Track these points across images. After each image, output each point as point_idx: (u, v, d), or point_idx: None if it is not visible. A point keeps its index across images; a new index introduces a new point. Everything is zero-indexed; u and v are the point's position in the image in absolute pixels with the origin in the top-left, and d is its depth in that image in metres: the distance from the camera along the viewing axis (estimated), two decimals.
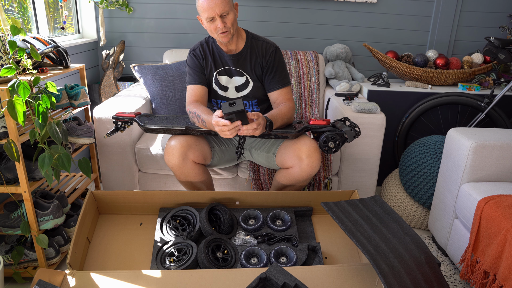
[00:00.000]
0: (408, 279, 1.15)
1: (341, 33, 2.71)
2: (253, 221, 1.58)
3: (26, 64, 1.40)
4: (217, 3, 1.55)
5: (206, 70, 1.74)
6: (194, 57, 1.73)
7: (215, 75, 1.74)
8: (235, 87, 1.75)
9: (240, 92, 1.76)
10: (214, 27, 1.60)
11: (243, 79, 1.74)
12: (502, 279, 1.29)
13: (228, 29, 1.60)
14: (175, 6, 2.65)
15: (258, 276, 1.14)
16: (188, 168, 1.65)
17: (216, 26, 1.59)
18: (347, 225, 1.29)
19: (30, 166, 1.51)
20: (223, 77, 1.75)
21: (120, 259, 1.43)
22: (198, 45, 1.75)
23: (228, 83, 1.75)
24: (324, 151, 1.63)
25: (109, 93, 2.52)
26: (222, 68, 1.74)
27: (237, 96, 1.77)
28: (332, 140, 1.60)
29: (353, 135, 1.61)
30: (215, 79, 1.75)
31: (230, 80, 1.75)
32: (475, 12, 2.67)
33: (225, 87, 1.76)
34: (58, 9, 2.42)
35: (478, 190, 1.56)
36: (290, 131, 1.62)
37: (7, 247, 1.63)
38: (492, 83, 2.49)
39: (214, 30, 1.61)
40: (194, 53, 1.74)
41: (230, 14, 1.59)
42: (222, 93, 1.77)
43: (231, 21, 1.60)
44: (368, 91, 2.37)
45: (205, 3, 1.56)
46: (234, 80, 1.75)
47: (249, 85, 1.75)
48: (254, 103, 1.80)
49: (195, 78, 1.73)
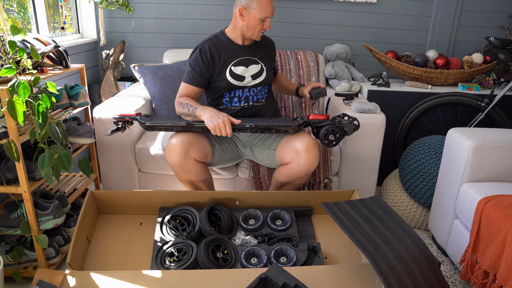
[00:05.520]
0: (408, 279, 1.15)
1: (341, 33, 2.71)
2: (253, 221, 1.58)
3: (26, 64, 1.40)
4: (273, 6, 1.69)
5: (213, 66, 1.75)
6: (200, 53, 1.73)
7: (230, 67, 1.76)
8: (251, 75, 1.80)
9: (255, 79, 1.81)
10: (261, 26, 1.70)
11: (259, 67, 1.82)
12: (502, 279, 1.29)
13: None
14: (175, 6, 2.65)
15: (258, 276, 1.14)
16: (189, 166, 1.65)
17: (262, 27, 1.70)
18: (347, 226, 1.29)
19: (30, 166, 1.51)
20: (239, 68, 1.78)
21: (120, 259, 1.43)
22: (208, 40, 1.76)
23: (245, 72, 1.79)
24: (324, 145, 1.64)
25: (109, 93, 2.52)
26: (238, 59, 1.77)
27: (252, 84, 1.82)
28: (332, 133, 1.62)
29: (352, 128, 1.64)
30: (230, 71, 1.76)
31: (246, 70, 1.79)
32: (475, 12, 2.67)
33: (241, 76, 1.78)
34: (58, 9, 2.42)
35: (478, 190, 1.56)
36: (291, 125, 1.64)
37: (7, 247, 1.63)
38: (492, 83, 2.49)
39: (258, 29, 1.71)
40: (201, 47, 1.74)
41: None
42: (237, 83, 1.79)
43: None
44: (368, 91, 2.37)
45: (269, 6, 1.66)
46: (250, 68, 1.80)
47: (264, 72, 1.83)
48: (266, 88, 1.87)
49: (192, 79, 1.74)
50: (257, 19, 1.67)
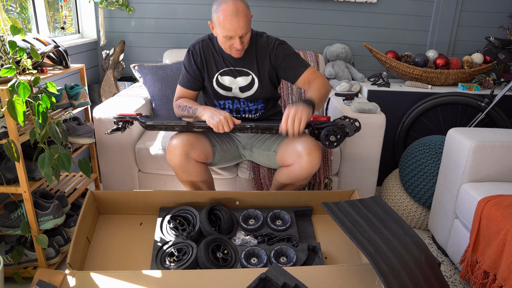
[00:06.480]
0: (408, 279, 1.15)
1: (341, 33, 2.71)
2: (253, 221, 1.58)
3: (26, 64, 1.40)
4: (241, 25, 1.48)
5: (203, 70, 1.70)
6: (192, 55, 1.68)
7: (217, 76, 1.69)
8: (239, 87, 1.71)
9: (244, 92, 1.72)
10: (230, 44, 1.54)
11: (248, 79, 1.69)
12: (502, 279, 1.29)
13: (243, 47, 1.55)
14: (175, 6, 2.65)
15: (258, 276, 1.14)
16: (190, 167, 1.65)
17: (232, 44, 1.54)
18: (347, 226, 1.29)
19: (30, 166, 1.51)
20: (226, 78, 1.69)
21: (120, 259, 1.43)
22: (199, 42, 1.69)
23: (232, 83, 1.70)
24: (325, 146, 1.63)
25: (109, 93, 2.52)
26: (225, 68, 1.68)
27: (242, 96, 1.72)
28: (334, 134, 1.61)
29: (353, 129, 1.63)
30: (217, 81, 1.70)
31: (234, 81, 1.70)
32: (475, 12, 2.67)
33: (228, 87, 1.71)
34: (58, 9, 2.42)
35: (478, 190, 1.56)
36: None
37: (7, 247, 1.63)
38: (492, 83, 2.49)
39: (227, 46, 1.56)
40: (193, 50, 1.68)
41: (248, 32, 1.54)
42: (224, 93, 1.73)
43: (247, 39, 1.56)
44: (368, 91, 2.37)
45: (227, 24, 1.48)
46: (237, 80, 1.70)
47: (255, 85, 1.70)
48: (260, 102, 1.77)
49: (186, 82, 1.71)
50: (221, 37, 1.54)
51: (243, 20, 1.48)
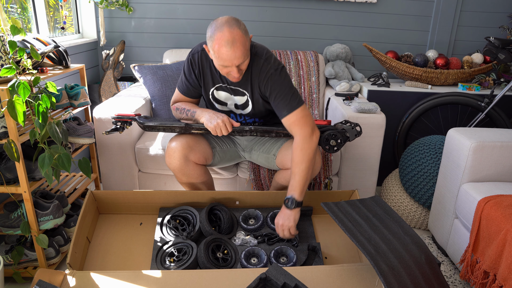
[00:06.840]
0: (408, 279, 1.15)
1: (341, 33, 2.71)
2: (253, 221, 1.58)
3: (26, 64, 1.40)
4: (238, 56, 1.36)
5: (200, 81, 1.61)
6: (191, 65, 1.58)
7: (213, 91, 1.62)
8: (235, 104, 1.65)
9: (239, 109, 1.66)
10: (227, 71, 1.44)
11: (244, 99, 1.60)
12: (502, 279, 1.29)
13: (241, 74, 1.45)
14: (175, 6, 2.65)
15: (258, 276, 1.14)
16: (189, 170, 1.64)
17: (229, 72, 1.44)
18: (347, 226, 1.29)
19: (30, 166, 1.51)
20: (222, 93, 1.62)
21: (120, 259, 1.43)
22: (198, 52, 1.56)
23: (228, 99, 1.63)
24: (325, 150, 1.62)
25: (109, 93, 2.52)
26: (220, 84, 1.59)
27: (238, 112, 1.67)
28: (334, 138, 1.60)
29: (354, 133, 1.62)
30: (212, 95, 1.63)
31: (230, 97, 1.62)
32: (475, 12, 2.67)
33: (224, 102, 1.65)
34: (58, 9, 2.42)
35: (478, 190, 1.56)
36: None
37: (7, 247, 1.63)
38: (492, 83, 2.49)
39: (224, 73, 1.46)
40: (192, 59, 1.57)
41: (247, 60, 1.43)
42: (220, 107, 1.68)
43: (246, 65, 1.45)
44: (368, 91, 2.37)
45: (223, 54, 1.36)
46: (233, 97, 1.62)
47: (249, 106, 1.62)
48: (257, 119, 1.72)
49: (186, 90, 1.65)
50: (217, 64, 1.43)
51: (240, 50, 1.36)
